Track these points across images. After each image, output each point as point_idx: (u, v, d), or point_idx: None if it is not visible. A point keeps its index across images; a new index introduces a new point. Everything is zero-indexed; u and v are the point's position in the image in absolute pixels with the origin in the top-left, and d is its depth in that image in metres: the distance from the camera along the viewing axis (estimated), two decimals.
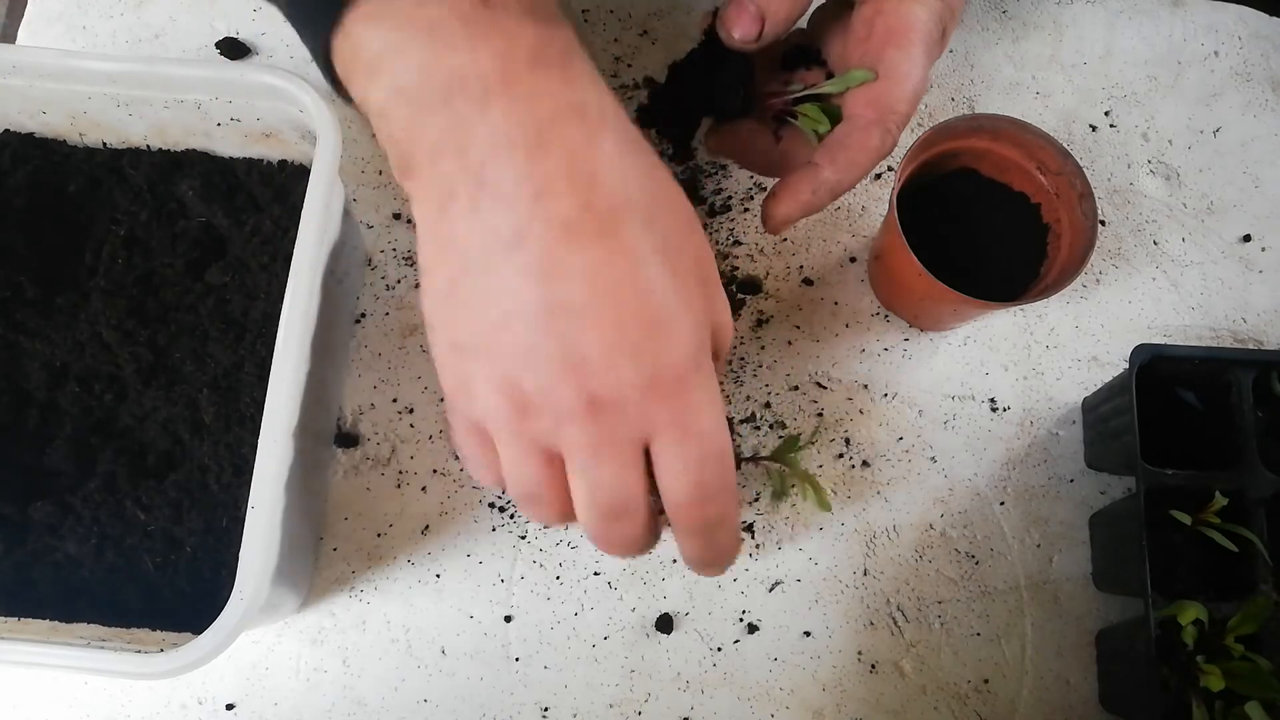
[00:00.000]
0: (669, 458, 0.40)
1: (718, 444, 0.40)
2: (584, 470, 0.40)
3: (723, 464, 0.40)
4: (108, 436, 0.53)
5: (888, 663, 0.57)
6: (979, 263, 0.58)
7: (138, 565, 0.51)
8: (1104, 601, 0.58)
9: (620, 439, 0.39)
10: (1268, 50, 0.68)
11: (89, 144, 0.58)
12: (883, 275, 0.60)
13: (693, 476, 0.40)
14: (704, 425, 0.39)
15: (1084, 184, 0.55)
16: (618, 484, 0.40)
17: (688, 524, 0.42)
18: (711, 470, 0.40)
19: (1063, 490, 0.60)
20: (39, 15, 0.65)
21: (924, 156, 0.56)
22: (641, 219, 0.37)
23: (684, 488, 0.40)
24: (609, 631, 0.57)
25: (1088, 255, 0.53)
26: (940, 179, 0.59)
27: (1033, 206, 0.59)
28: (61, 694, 0.55)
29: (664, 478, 0.40)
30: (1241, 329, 0.63)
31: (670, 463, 0.40)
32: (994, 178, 0.59)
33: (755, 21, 0.49)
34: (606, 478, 0.40)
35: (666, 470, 0.40)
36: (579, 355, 0.37)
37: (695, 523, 0.42)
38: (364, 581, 0.57)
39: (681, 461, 0.39)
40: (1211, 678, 0.47)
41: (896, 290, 0.60)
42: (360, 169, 0.63)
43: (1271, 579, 0.51)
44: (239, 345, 0.55)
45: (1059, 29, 0.68)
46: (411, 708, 0.55)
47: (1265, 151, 0.66)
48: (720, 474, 0.40)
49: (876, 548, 0.58)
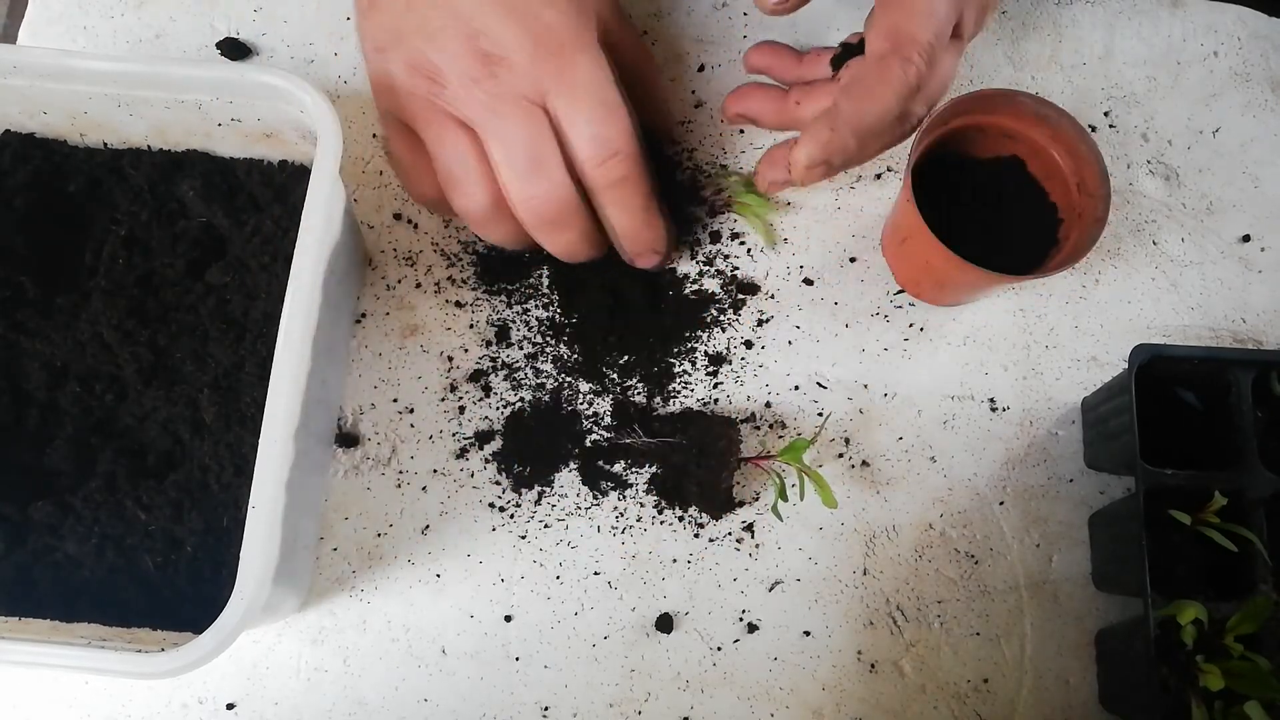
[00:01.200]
0: (565, 117, 0.48)
1: (608, 100, 0.48)
2: (494, 131, 0.48)
3: (617, 120, 0.48)
4: (108, 436, 0.53)
5: (887, 662, 0.57)
6: (992, 238, 0.58)
7: (138, 565, 0.51)
8: (1103, 601, 0.58)
9: (517, 93, 0.47)
10: (1267, 50, 0.68)
11: (89, 144, 0.58)
12: (896, 245, 0.60)
13: (589, 130, 0.48)
14: (591, 85, 0.47)
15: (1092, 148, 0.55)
16: (525, 137, 0.48)
17: (598, 183, 0.50)
18: (607, 126, 0.48)
19: (1062, 490, 0.60)
20: (39, 15, 0.66)
21: (937, 132, 0.56)
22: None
23: (585, 144, 0.48)
24: (609, 631, 0.57)
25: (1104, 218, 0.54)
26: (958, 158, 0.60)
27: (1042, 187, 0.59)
28: (62, 694, 0.55)
29: (566, 137, 0.48)
30: (1241, 329, 0.63)
31: (568, 123, 0.48)
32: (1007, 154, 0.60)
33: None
34: (512, 131, 0.48)
35: (567, 129, 0.48)
36: (473, 26, 0.47)
37: (604, 181, 0.50)
38: (364, 581, 0.57)
39: (576, 117, 0.48)
40: (1211, 677, 0.47)
41: (910, 259, 0.60)
42: (360, 169, 0.63)
43: (1271, 579, 0.51)
44: (239, 345, 0.55)
45: (1058, 29, 0.68)
46: (412, 707, 0.55)
47: (1265, 152, 0.66)
48: (617, 130, 0.48)
49: (876, 547, 0.58)
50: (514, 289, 0.61)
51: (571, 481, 0.59)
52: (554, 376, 0.60)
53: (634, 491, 0.58)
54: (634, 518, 0.58)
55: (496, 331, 0.61)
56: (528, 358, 0.60)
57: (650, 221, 0.54)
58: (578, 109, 0.48)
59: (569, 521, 0.58)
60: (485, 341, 0.60)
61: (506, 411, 0.59)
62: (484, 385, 0.60)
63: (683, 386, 0.60)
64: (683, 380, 0.60)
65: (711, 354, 0.61)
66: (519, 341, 0.61)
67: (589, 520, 0.58)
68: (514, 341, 0.60)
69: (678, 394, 0.60)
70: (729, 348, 0.61)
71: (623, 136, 0.50)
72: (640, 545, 0.58)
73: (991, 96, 0.56)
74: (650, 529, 0.58)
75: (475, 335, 0.61)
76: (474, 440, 0.59)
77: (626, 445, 0.58)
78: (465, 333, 0.61)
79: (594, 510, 0.58)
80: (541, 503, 0.58)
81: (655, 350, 0.60)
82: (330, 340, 0.55)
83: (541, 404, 0.59)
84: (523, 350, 0.60)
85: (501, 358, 0.60)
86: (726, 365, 0.61)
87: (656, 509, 0.58)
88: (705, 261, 0.62)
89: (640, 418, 0.59)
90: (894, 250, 0.61)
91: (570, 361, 0.60)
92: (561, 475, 0.59)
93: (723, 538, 0.58)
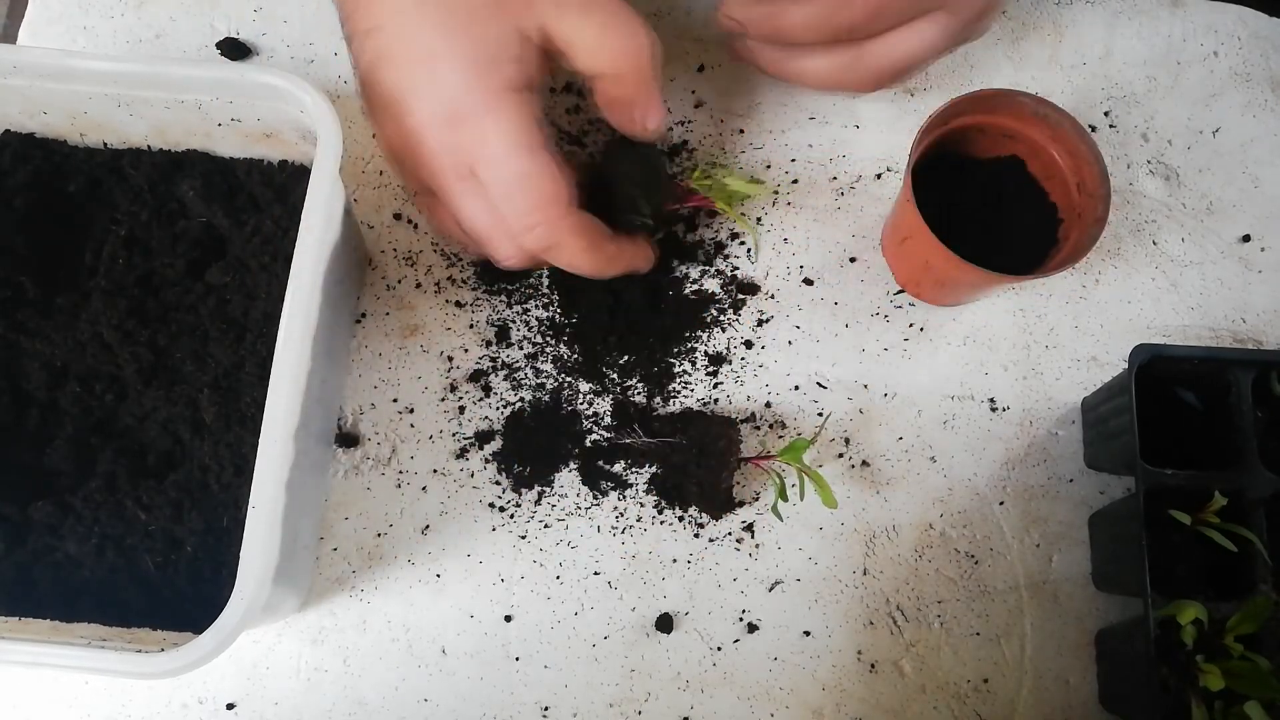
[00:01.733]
0: (487, 189, 0.48)
1: (515, 171, 0.47)
2: (453, 204, 0.50)
3: (530, 190, 0.48)
4: (108, 436, 0.53)
5: (887, 662, 0.57)
6: (992, 238, 0.58)
7: (138, 565, 0.51)
8: (1103, 601, 0.58)
9: (455, 165, 0.48)
10: (1267, 50, 0.68)
11: (89, 144, 0.58)
12: (896, 245, 0.60)
13: (506, 205, 0.48)
14: (496, 158, 0.47)
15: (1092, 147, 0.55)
16: (471, 210, 0.49)
17: (534, 250, 0.51)
18: (521, 199, 0.48)
19: (1062, 490, 0.60)
20: (39, 15, 0.66)
21: (937, 132, 0.56)
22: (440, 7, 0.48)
23: (508, 217, 0.49)
24: (609, 631, 0.57)
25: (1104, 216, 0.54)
26: (959, 158, 0.60)
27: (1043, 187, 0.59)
28: (62, 694, 0.55)
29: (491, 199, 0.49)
30: (1241, 329, 0.63)
31: (489, 194, 0.49)
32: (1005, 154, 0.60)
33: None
34: (461, 204, 0.49)
35: (488, 191, 0.49)
36: (410, 103, 0.48)
37: (536, 248, 0.50)
38: (364, 581, 0.57)
39: (492, 191, 0.48)
40: (1211, 677, 0.47)
41: (910, 259, 0.60)
42: (360, 169, 0.63)
43: (1271, 579, 0.51)
44: (239, 345, 0.55)
45: (1058, 29, 0.68)
46: (412, 707, 0.55)
47: (1265, 152, 0.66)
48: (532, 201, 0.48)
49: (876, 547, 0.58)
50: (514, 289, 0.61)
51: (571, 481, 0.59)
52: (554, 376, 0.60)
53: (634, 491, 0.58)
54: (634, 518, 0.58)
55: (496, 331, 0.61)
56: (528, 358, 0.60)
57: (610, 260, 0.53)
58: (491, 183, 0.49)
59: (569, 521, 0.58)
60: (485, 341, 0.60)
61: (506, 411, 0.59)
62: (484, 385, 0.60)
63: (683, 386, 0.60)
64: (683, 380, 0.60)
65: (711, 354, 0.61)
66: (519, 341, 0.61)
67: (589, 520, 0.58)
68: (514, 341, 0.60)
69: (678, 394, 0.60)
70: (729, 348, 0.61)
71: (538, 207, 0.49)
72: (640, 545, 0.58)
73: (991, 96, 0.56)
74: (650, 529, 0.58)
75: (475, 335, 0.61)
76: (474, 440, 0.59)
77: (626, 445, 0.58)
78: (465, 333, 0.61)
79: (594, 510, 0.58)
80: (541, 503, 0.58)
81: (655, 350, 0.60)
82: (330, 340, 0.55)
83: (541, 404, 0.59)
84: (523, 350, 0.60)
85: (501, 358, 0.60)
86: (726, 365, 0.61)
87: (656, 509, 0.58)
88: (705, 261, 0.62)
89: (640, 418, 0.59)
90: (894, 250, 0.61)
91: (570, 361, 0.60)
92: (561, 475, 0.59)
93: (723, 538, 0.58)
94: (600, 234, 0.52)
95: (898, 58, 0.55)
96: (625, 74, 0.50)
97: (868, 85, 0.58)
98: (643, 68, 0.50)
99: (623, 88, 0.51)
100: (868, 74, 0.56)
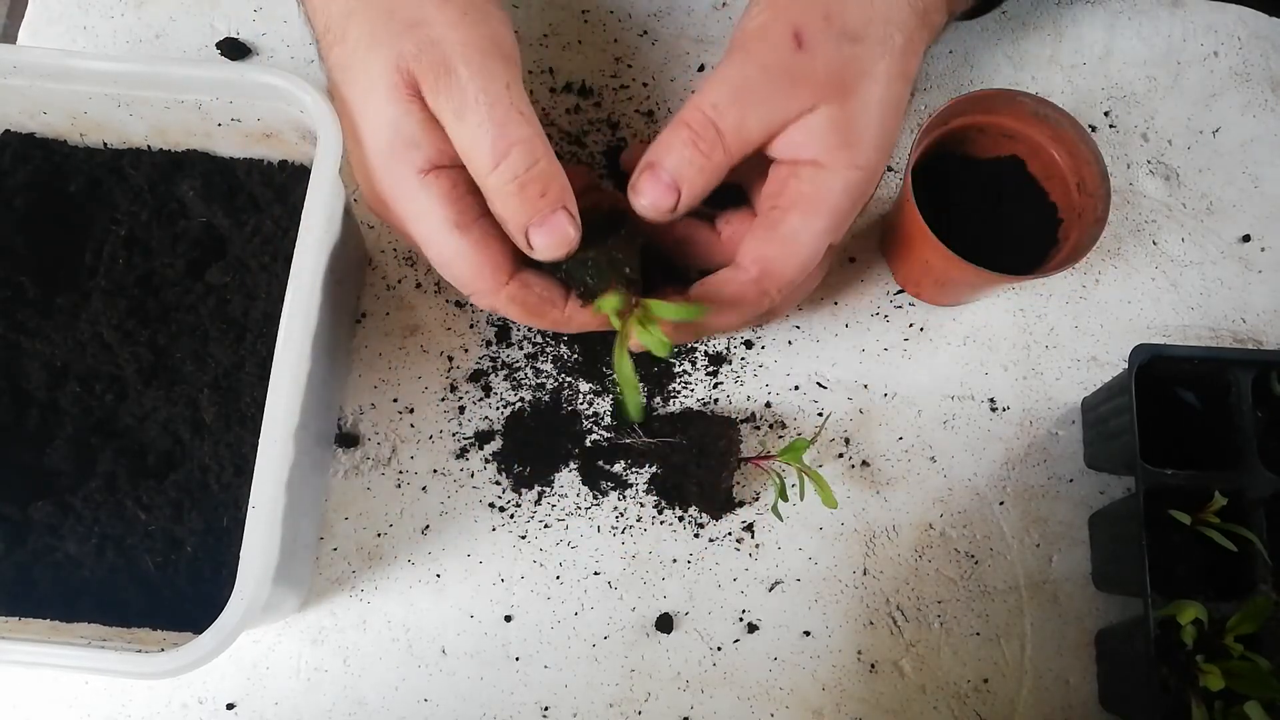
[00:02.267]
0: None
1: (436, 251, 0.47)
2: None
3: (455, 265, 0.47)
4: (108, 436, 0.53)
5: (887, 662, 0.57)
6: (992, 238, 0.58)
7: (138, 565, 0.51)
8: (1104, 601, 0.58)
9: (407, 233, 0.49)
10: (1267, 50, 0.68)
11: (89, 144, 0.58)
12: (896, 245, 0.60)
13: (445, 275, 0.49)
14: (419, 238, 0.47)
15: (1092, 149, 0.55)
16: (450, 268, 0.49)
17: (493, 310, 0.50)
18: (450, 271, 0.48)
19: (1062, 490, 0.60)
20: (39, 15, 0.66)
21: (937, 132, 0.56)
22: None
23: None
24: (609, 631, 0.57)
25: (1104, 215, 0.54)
26: (956, 157, 0.60)
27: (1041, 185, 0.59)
28: (62, 694, 0.55)
29: None
30: (1241, 329, 0.63)
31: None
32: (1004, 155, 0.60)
33: (670, 192, 0.47)
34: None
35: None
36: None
37: (489, 308, 0.49)
38: (364, 581, 0.57)
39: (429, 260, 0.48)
40: (1211, 677, 0.47)
41: (909, 259, 0.60)
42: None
43: (1271, 579, 0.51)
44: (239, 345, 0.55)
45: (1058, 29, 0.68)
46: (412, 707, 0.55)
47: (1265, 151, 0.66)
48: (460, 275, 0.47)
49: (876, 547, 0.58)
50: None
51: (571, 481, 0.59)
52: (554, 376, 0.60)
53: (634, 491, 0.58)
54: (634, 518, 0.58)
55: (496, 331, 0.61)
56: (528, 358, 0.60)
57: (560, 324, 0.50)
58: (428, 258, 0.48)
59: (569, 521, 0.58)
60: (485, 341, 0.60)
61: (506, 411, 0.59)
62: (484, 385, 0.60)
63: (683, 386, 0.60)
64: (683, 380, 0.60)
65: (711, 354, 0.61)
66: (519, 341, 0.60)
67: (589, 520, 0.58)
68: (514, 341, 0.60)
69: (678, 394, 0.60)
70: (729, 348, 0.61)
71: (471, 281, 0.48)
72: (640, 545, 0.58)
73: (991, 96, 0.56)
74: (650, 529, 0.58)
75: (475, 335, 0.61)
76: (474, 440, 0.59)
77: (626, 445, 0.58)
78: (465, 333, 0.61)
79: (594, 510, 0.58)
80: (541, 503, 0.58)
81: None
82: (330, 340, 0.55)
83: (541, 404, 0.59)
84: (523, 350, 0.60)
85: (501, 358, 0.60)
86: (726, 365, 0.61)
87: (656, 509, 0.58)
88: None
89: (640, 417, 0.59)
90: (894, 250, 0.61)
91: (570, 361, 0.60)
92: (561, 475, 0.59)
93: (723, 538, 0.58)
94: (542, 302, 0.49)
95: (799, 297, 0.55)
96: (490, 191, 0.46)
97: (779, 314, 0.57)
98: (507, 186, 0.45)
99: (494, 205, 0.46)
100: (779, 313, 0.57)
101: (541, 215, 0.46)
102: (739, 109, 0.46)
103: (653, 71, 0.65)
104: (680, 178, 0.47)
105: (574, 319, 0.50)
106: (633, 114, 0.65)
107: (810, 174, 0.47)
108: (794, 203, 0.48)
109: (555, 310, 0.50)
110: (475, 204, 0.47)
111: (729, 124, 0.47)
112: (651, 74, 0.65)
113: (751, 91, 0.47)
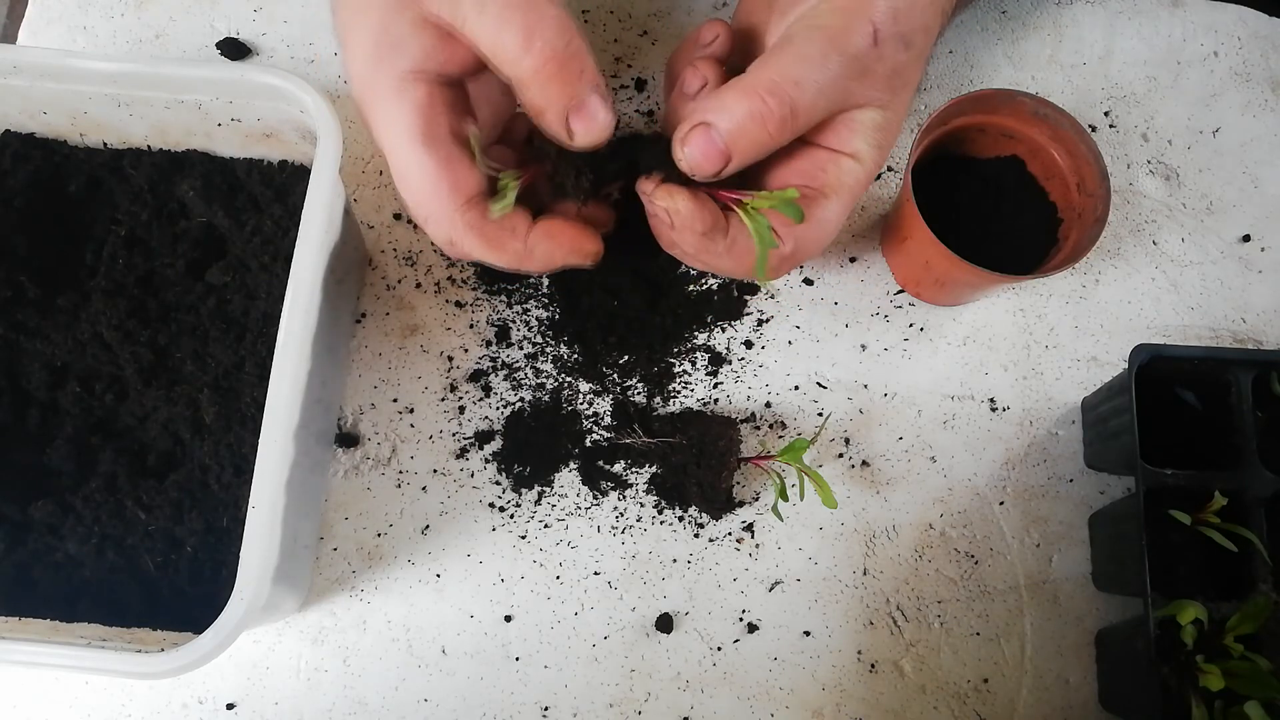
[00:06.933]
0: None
1: (399, 166, 0.45)
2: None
3: (410, 187, 0.45)
4: (108, 436, 0.53)
5: (887, 662, 0.57)
6: (992, 238, 0.58)
7: (138, 565, 0.51)
8: (1104, 601, 0.58)
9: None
10: (1267, 50, 0.68)
11: (89, 144, 0.58)
12: (896, 245, 0.60)
13: (403, 199, 0.47)
14: (387, 149, 0.45)
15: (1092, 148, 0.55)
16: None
17: (439, 243, 0.48)
18: (406, 194, 0.46)
19: (1062, 490, 0.60)
20: (39, 15, 0.66)
21: (937, 132, 0.56)
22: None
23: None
24: (609, 631, 0.57)
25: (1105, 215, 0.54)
26: (956, 157, 0.60)
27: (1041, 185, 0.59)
28: (62, 694, 0.55)
29: None
30: (1241, 329, 0.63)
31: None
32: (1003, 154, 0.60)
33: (720, 159, 0.46)
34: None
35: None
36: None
37: (440, 242, 0.47)
38: (364, 581, 0.57)
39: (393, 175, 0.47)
40: (1211, 677, 0.47)
41: (910, 259, 0.60)
42: (360, 169, 0.63)
43: (1271, 579, 0.51)
44: (239, 345, 0.55)
45: (1058, 29, 0.68)
46: (412, 707, 0.55)
47: (1265, 151, 0.66)
48: (413, 200, 0.46)
49: (876, 547, 0.58)
50: (514, 289, 0.61)
51: (571, 481, 0.59)
52: (554, 376, 0.60)
53: (634, 491, 0.58)
54: (634, 518, 0.58)
55: (496, 331, 0.61)
56: (528, 358, 0.60)
57: (522, 258, 0.48)
58: (392, 172, 0.46)
59: (569, 521, 0.58)
60: (485, 341, 0.60)
61: (506, 411, 0.59)
62: (484, 385, 0.60)
63: (683, 386, 0.60)
64: (683, 380, 0.60)
65: (711, 354, 0.61)
66: (519, 341, 0.61)
67: (589, 520, 0.58)
68: (514, 341, 0.60)
69: (678, 394, 0.60)
70: (729, 348, 0.61)
71: (428, 200, 0.45)
72: (640, 545, 0.58)
73: (991, 96, 0.56)
74: (650, 529, 0.58)
75: (475, 335, 0.61)
76: (474, 440, 0.59)
77: (626, 445, 0.58)
78: (465, 333, 0.61)
79: (594, 510, 0.58)
80: (541, 503, 0.58)
81: (655, 350, 0.60)
82: (330, 340, 0.55)
83: (541, 404, 0.59)
84: (523, 350, 0.60)
85: (501, 358, 0.60)
86: (726, 365, 0.61)
87: (656, 509, 0.58)
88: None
89: (640, 418, 0.59)
90: (894, 250, 0.61)
91: (570, 361, 0.60)
92: (561, 475, 0.59)
93: (723, 538, 0.58)
94: (501, 230, 0.46)
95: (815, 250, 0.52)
96: (525, 77, 0.43)
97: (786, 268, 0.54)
98: (546, 67, 0.42)
99: (528, 93, 0.44)
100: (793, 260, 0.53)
101: (581, 98, 0.44)
102: (818, 92, 0.46)
103: (653, 71, 0.65)
104: (735, 149, 0.45)
105: (535, 252, 0.48)
106: (633, 114, 0.65)
107: (850, 166, 0.48)
108: (834, 190, 0.48)
109: (516, 240, 0.47)
110: (448, 122, 0.45)
111: (805, 103, 0.45)
112: (651, 74, 0.65)
113: (834, 78, 0.46)
